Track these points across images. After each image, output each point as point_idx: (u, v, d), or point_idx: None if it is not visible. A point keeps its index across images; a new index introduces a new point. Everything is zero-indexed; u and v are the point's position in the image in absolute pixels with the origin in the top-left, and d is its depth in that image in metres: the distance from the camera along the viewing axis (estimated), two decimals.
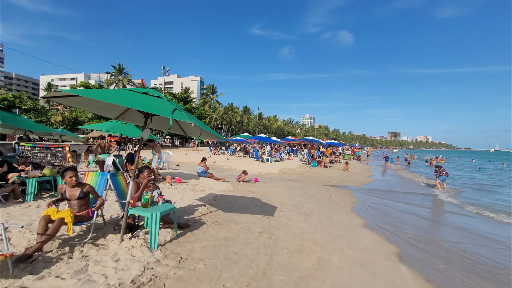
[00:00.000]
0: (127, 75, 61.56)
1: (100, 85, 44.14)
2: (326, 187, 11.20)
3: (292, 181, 12.39)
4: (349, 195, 9.53)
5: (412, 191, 12.23)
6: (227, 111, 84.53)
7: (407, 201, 9.67)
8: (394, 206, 8.60)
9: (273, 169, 15.71)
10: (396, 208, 8.33)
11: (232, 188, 8.91)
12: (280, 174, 14.68)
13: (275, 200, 7.59)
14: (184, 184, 8.69)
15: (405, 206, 8.72)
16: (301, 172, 15.24)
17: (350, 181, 13.57)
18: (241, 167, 17.07)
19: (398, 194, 11.10)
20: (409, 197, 10.50)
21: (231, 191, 8.44)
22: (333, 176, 14.81)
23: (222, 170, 16.81)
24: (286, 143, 28.65)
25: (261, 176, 13.57)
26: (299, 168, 16.65)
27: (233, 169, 17.04)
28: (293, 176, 14.18)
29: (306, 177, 14.00)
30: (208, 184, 9.11)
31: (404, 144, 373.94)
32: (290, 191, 9.30)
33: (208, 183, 9.46)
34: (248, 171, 16.33)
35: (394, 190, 12.17)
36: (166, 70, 49.81)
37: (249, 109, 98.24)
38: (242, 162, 19.36)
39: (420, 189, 13.12)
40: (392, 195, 10.85)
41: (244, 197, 7.65)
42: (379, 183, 14.25)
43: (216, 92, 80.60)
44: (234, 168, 17.15)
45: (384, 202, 9.01)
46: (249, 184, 10.35)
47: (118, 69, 60.37)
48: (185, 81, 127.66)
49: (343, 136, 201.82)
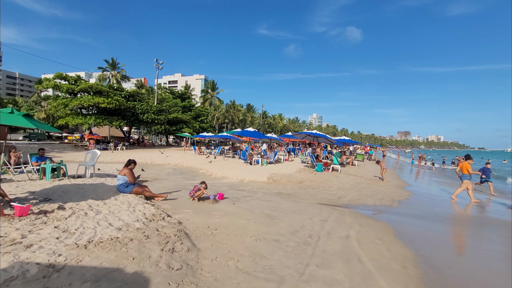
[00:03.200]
0: (121, 70, 58.07)
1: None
2: (338, 210, 6.56)
3: (282, 196, 7.79)
4: (387, 238, 4.85)
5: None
6: (229, 109, 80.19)
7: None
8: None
9: (261, 175, 11.15)
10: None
11: (149, 223, 4.38)
12: (268, 183, 10.08)
13: (218, 265, 3.05)
14: (44, 217, 4.21)
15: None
16: (300, 180, 10.59)
17: (374, 195, 8.87)
18: (220, 171, 12.56)
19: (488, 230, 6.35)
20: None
21: (141, 230, 3.92)
22: (346, 187, 10.12)
23: (196, 175, 12.37)
24: (286, 140, 23.93)
25: (238, 187, 9.03)
26: (298, 174, 12.00)
27: (209, 174, 12.57)
28: (286, 186, 9.56)
29: (305, 188, 9.36)
30: (113, 208, 4.64)
31: (415, 144, 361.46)
32: (266, 227, 4.73)
33: (117, 206, 4.98)
34: (226, 177, 11.80)
35: (467, 217, 7.41)
36: (159, 63, 45.88)
37: (252, 107, 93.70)
38: (226, 165, 14.85)
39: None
40: (479, 229, 6.11)
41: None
42: (426, 200, 9.35)
43: (216, 88, 76.29)
44: (210, 173, 12.68)
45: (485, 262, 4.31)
46: (202, 207, 5.85)
47: (111, 64, 56.85)
48: (189, 80, 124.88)
49: (351, 135, 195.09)
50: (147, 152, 24.16)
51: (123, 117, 33.86)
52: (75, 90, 29.22)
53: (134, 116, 35.70)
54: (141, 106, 35.81)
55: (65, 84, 29.72)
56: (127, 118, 34.45)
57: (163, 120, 37.40)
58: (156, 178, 10.86)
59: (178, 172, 13.44)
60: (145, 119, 35.47)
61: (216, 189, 8.62)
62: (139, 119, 35.74)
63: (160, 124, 37.47)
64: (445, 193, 10.57)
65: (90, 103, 28.48)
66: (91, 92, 30.40)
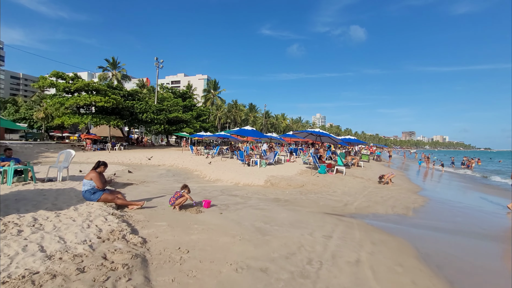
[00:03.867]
0: (121, 69, 57.47)
1: None
2: (344, 221, 5.54)
3: (279, 204, 6.78)
4: (409, 262, 3.83)
5: None
6: (230, 108, 79.23)
7: None
8: None
9: (258, 177, 10.16)
10: None
11: (99, 248, 3.42)
12: (266, 187, 9.08)
13: None
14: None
15: None
16: (301, 184, 9.57)
17: (384, 201, 7.82)
18: (214, 173, 11.61)
19: None
20: None
21: (79, 259, 2.93)
22: (353, 191, 9.09)
23: (190, 177, 11.49)
24: (288, 140, 22.90)
25: (231, 192, 8.04)
26: (299, 176, 10.98)
27: (202, 176, 11.64)
28: (285, 191, 8.54)
29: (306, 193, 8.34)
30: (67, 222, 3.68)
31: (420, 144, 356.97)
32: (254, 248, 3.72)
33: (70, 220, 4.03)
34: (220, 179, 10.80)
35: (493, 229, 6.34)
36: (160, 62, 45.16)
37: (255, 106, 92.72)
38: (222, 166, 13.90)
39: None
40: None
41: None
42: (445, 208, 8.29)
43: (218, 88, 75.42)
44: (204, 175, 11.74)
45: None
46: (182, 218, 4.88)
47: (112, 63, 56.27)
48: (192, 80, 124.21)
49: (355, 135, 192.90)
50: (145, 153, 23.32)
51: (121, 117, 33.10)
52: (72, 88, 28.52)
53: (132, 116, 34.95)
54: (140, 105, 35.04)
55: (62, 83, 29.05)
56: (125, 117, 33.68)
57: (162, 120, 36.60)
58: (144, 180, 9.94)
59: (171, 173, 12.53)
60: (144, 119, 34.69)
61: (206, 194, 7.65)
62: (138, 119, 34.97)
63: (159, 124, 36.66)
64: (465, 199, 9.47)
65: (86, 101, 27.74)
66: (88, 91, 29.71)
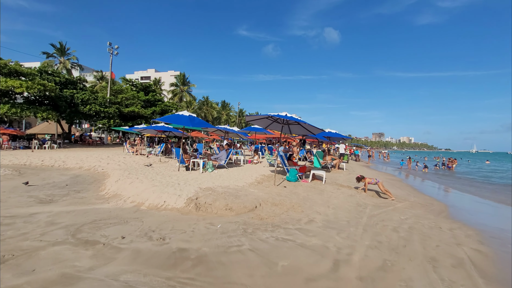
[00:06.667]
0: (71, 57, 49.81)
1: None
2: None
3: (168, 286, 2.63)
4: None
5: None
6: (201, 105, 73.73)
7: None
8: None
9: (183, 191, 5.91)
10: None
11: None
12: (185, 213, 4.86)
13: None
14: None
15: None
16: (252, 205, 5.45)
17: (411, 246, 4.00)
18: (122, 183, 7.11)
19: None
20: None
21: None
22: (342, 218, 5.18)
23: (87, 189, 6.88)
24: (253, 137, 18.88)
25: (103, 230, 3.67)
26: (254, 188, 6.89)
27: (102, 188, 7.13)
28: (210, 226, 4.42)
29: (254, 231, 4.25)
30: None
31: (388, 144, 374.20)
32: None
33: None
34: (120, 195, 6.22)
35: None
36: (114, 48, 38.96)
37: (228, 104, 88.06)
38: (149, 171, 9.42)
39: None
40: None
41: None
42: None
43: (188, 83, 69.72)
44: (105, 187, 7.24)
45: None
46: None
47: (59, 49, 48.49)
48: (164, 76, 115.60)
49: None
50: (81, 152, 17.93)
51: (56, 108, 26.92)
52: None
53: (71, 107, 28.83)
54: (83, 95, 29.06)
55: None
56: (62, 109, 27.45)
57: (112, 114, 30.83)
58: None
59: (73, 182, 7.95)
60: (86, 111, 28.73)
61: (53, 231, 3.26)
62: (78, 111, 28.90)
63: (108, 118, 30.83)
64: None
65: (0, 86, 21.57)
66: (8, 74, 23.44)
